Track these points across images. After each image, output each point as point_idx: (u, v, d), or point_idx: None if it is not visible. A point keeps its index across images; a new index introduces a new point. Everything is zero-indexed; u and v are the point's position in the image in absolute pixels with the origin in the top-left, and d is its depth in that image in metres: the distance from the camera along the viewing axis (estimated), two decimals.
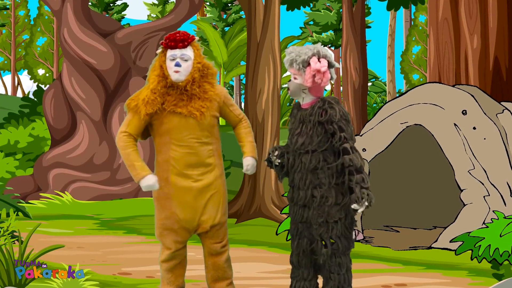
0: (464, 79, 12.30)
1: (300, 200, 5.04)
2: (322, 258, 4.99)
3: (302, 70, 4.98)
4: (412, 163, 9.91)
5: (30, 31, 35.29)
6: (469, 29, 12.29)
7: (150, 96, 5.08)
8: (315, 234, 5.01)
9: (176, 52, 5.10)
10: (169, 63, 5.10)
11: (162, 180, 5.13)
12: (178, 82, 5.09)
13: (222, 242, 5.32)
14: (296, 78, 5.03)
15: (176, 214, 5.14)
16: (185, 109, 5.10)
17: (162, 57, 5.15)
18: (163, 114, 5.12)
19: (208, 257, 5.33)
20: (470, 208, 8.27)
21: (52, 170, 14.12)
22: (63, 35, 14.76)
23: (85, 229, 10.54)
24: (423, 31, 29.59)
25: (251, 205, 11.39)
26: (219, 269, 5.34)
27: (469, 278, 6.94)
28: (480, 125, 8.40)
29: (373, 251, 8.42)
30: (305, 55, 4.98)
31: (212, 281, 5.37)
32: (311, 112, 4.98)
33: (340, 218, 5.02)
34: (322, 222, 4.97)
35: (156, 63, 5.17)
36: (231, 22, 34.62)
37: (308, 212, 5.01)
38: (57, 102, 14.77)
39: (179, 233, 5.18)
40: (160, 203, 5.19)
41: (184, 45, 5.12)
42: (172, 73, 5.09)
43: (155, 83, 5.11)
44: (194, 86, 5.13)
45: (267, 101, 11.53)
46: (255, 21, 11.80)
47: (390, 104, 9.21)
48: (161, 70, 5.13)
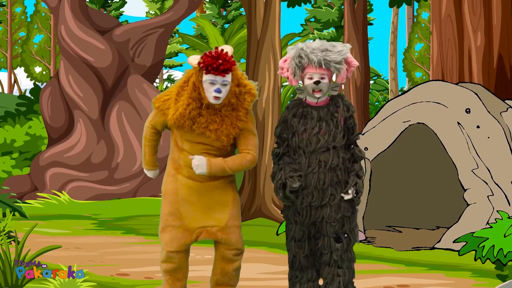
0: (467, 77, 12.29)
1: (315, 201, 5.02)
2: (336, 254, 5.03)
3: (337, 68, 4.99)
4: (415, 162, 9.90)
5: (26, 28, 35.26)
6: (472, 26, 12.28)
7: (180, 119, 5.01)
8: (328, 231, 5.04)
9: (217, 79, 4.97)
10: (208, 87, 4.98)
11: (170, 175, 5.17)
12: (215, 105, 5.02)
13: (235, 250, 5.24)
14: (324, 78, 5.01)
15: (179, 212, 5.14)
16: (214, 134, 5.04)
17: (199, 77, 5.00)
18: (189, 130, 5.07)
19: (219, 261, 5.32)
20: (473, 208, 8.27)
21: (49, 169, 14.11)
22: (60, 32, 14.75)
23: (83, 229, 10.53)
24: (426, 28, 29.56)
25: (251, 205, 11.38)
26: (226, 276, 5.32)
27: (472, 279, 6.93)
28: (484, 123, 8.39)
29: (375, 251, 8.41)
30: (341, 53, 5.00)
31: (215, 284, 5.37)
32: (335, 110, 5.03)
33: (353, 212, 5.12)
34: (339, 218, 5.03)
35: (190, 81, 5.02)
36: (231, 19, 34.61)
37: (323, 211, 5.01)
38: (54, 100, 14.75)
39: (180, 232, 5.16)
40: (166, 198, 5.21)
41: (227, 73, 4.99)
42: (211, 98, 4.98)
43: (189, 107, 4.99)
44: (229, 109, 5.04)
45: (267, 100, 11.51)
46: (255, 18, 11.78)
47: (393, 102, 9.20)
48: (195, 92, 5.00)
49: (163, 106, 5.13)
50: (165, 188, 5.22)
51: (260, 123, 11.42)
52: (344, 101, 5.08)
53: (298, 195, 5.06)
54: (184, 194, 5.13)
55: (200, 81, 4.98)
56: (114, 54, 14.48)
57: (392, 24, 30.37)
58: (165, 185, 5.22)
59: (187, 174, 5.13)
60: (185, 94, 5.02)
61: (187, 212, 5.14)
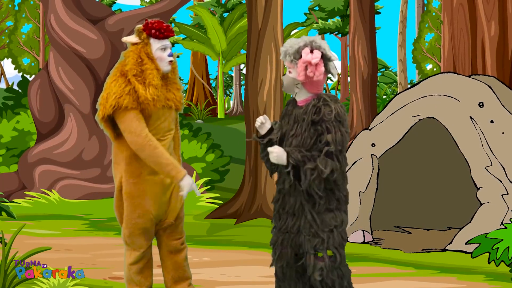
0: (480, 69, 12.29)
1: (291, 207, 4.92)
2: (320, 274, 4.81)
3: (295, 62, 4.91)
4: (425, 159, 9.91)
5: (14, 17, 35.28)
6: (486, 15, 12.27)
7: (157, 93, 5.07)
8: (307, 247, 4.84)
9: (166, 42, 5.16)
10: (161, 54, 5.13)
11: (135, 176, 5.16)
12: (167, 73, 5.18)
13: (181, 238, 5.39)
14: (291, 72, 4.97)
15: (150, 212, 5.18)
16: (172, 102, 5.19)
17: (147, 48, 5.13)
18: (149, 109, 5.11)
19: (167, 256, 5.38)
20: (487, 208, 8.28)
21: (38, 166, 14.12)
22: (50, 22, 14.75)
23: (74, 230, 10.55)
24: (437, 17, 29.56)
25: (252, 205, 11.38)
26: (179, 269, 5.39)
27: (486, 283, 6.95)
28: (498, 118, 8.39)
29: (383, 253, 8.42)
30: (297, 45, 4.92)
31: (173, 282, 5.41)
32: (305, 111, 4.86)
33: (336, 226, 4.85)
34: (316, 232, 4.81)
35: (141, 55, 5.12)
36: (230, 7, 34.61)
37: (297, 221, 4.91)
38: (43, 94, 14.76)
39: (150, 231, 5.26)
40: (132, 201, 5.18)
41: (173, 33, 5.20)
42: (166, 64, 5.13)
43: (157, 79, 5.09)
44: (168, 75, 5.22)
45: (269, 93, 11.51)
46: (256, 6, 11.78)
47: (401, 95, 9.21)
48: (152, 63, 5.12)
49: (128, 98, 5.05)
50: (130, 190, 5.17)
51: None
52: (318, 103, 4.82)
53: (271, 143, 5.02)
54: (154, 195, 5.19)
55: (150, 52, 5.12)
56: (106, 45, 14.49)
57: (401, 13, 30.34)
58: (130, 187, 5.17)
59: (152, 169, 5.13)
60: (147, 69, 5.09)
61: (158, 211, 5.22)
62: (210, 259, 8.05)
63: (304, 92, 4.92)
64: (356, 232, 8.90)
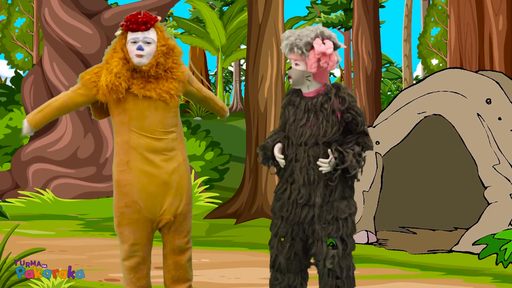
0: (488, 64, 12.30)
1: (302, 198, 5.01)
2: (332, 262, 4.96)
3: (305, 54, 4.96)
4: (431, 158, 9.91)
5: (7, 11, 35.27)
6: (493, 9, 12.27)
7: (114, 81, 5.16)
8: (321, 234, 4.98)
9: (138, 35, 5.17)
10: (131, 47, 5.18)
11: (122, 164, 5.20)
12: (141, 67, 5.16)
13: (187, 237, 5.37)
14: (298, 64, 5.00)
15: (137, 203, 5.19)
16: (153, 92, 5.20)
17: (123, 39, 5.24)
18: (128, 98, 5.19)
19: (170, 256, 5.37)
20: (495, 207, 8.28)
21: (32, 165, 14.13)
22: (44, 16, 14.75)
23: (68, 231, 10.55)
24: (443, 11, 29.54)
25: (252, 204, 11.38)
26: (180, 269, 5.39)
27: (494, 285, 6.95)
28: (506, 115, 8.39)
29: (387, 255, 8.43)
30: (307, 37, 4.96)
31: (172, 282, 5.41)
32: (324, 100, 4.97)
33: (350, 214, 5.06)
34: (332, 219, 4.97)
35: (117, 46, 5.26)
36: (230, 1, 34.60)
37: (310, 211, 4.99)
38: (37, 90, 14.76)
39: (140, 223, 5.23)
40: (119, 190, 5.23)
41: (147, 27, 5.19)
42: (134, 57, 5.17)
43: (119, 66, 5.18)
44: (159, 70, 5.21)
45: (269, 89, 11.51)
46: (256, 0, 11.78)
47: (406, 92, 9.20)
48: (123, 53, 5.20)
49: (93, 80, 5.27)
50: (118, 178, 5.23)
51: (262, 114, 11.42)
52: (339, 92, 4.98)
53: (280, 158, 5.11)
54: (142, 185, 5.19)
55: (124, 44, 5.22)
56: (102, 39, 14.48)
57: (406, 7, 30.33)
58: (118, 175, 5.23)
59: (141, 159, 5.18)
60: (114, 57, 5.22)
61: (146, 203, 5.21)
62: (209, 261, 8.06)
63: (315, 83, 5.03)
64: (359, 233, 8.90)
